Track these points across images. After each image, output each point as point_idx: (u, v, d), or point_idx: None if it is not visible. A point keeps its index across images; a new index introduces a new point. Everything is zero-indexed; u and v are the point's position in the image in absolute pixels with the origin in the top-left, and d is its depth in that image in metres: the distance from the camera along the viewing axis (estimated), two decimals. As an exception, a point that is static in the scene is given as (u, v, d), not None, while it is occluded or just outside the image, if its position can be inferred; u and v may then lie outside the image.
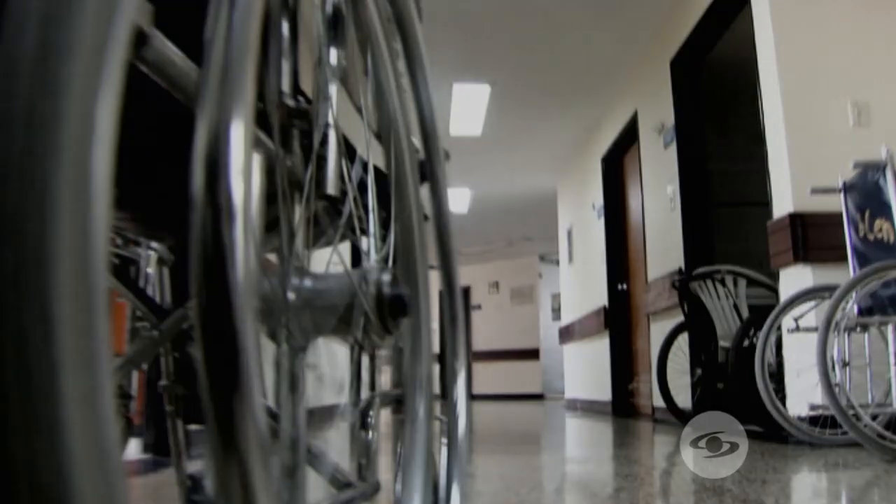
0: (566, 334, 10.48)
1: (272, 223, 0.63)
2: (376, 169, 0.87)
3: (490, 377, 16.78)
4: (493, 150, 9.44)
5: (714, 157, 5.94)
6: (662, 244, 6.20)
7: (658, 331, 6.28)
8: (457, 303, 1.06)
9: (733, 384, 4.68)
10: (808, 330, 3.55)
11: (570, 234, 10.30)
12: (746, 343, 4.49)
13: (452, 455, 0.95)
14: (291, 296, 0.59)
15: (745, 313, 4.68)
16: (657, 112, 6.23)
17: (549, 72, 7.21)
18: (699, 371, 5.10)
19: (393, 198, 0.83)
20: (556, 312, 16.00)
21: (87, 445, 0.25)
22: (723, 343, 4.91)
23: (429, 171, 0.99)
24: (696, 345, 5.24)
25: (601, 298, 8.26)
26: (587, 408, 9.06)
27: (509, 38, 6.57)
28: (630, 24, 6.19)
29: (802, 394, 3.76)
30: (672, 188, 5.87)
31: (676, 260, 5.72)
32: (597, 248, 8.51)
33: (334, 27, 0.76)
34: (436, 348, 0.99)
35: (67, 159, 0.26)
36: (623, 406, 7.61)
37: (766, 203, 6.37)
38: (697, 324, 5.16)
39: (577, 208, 9.68)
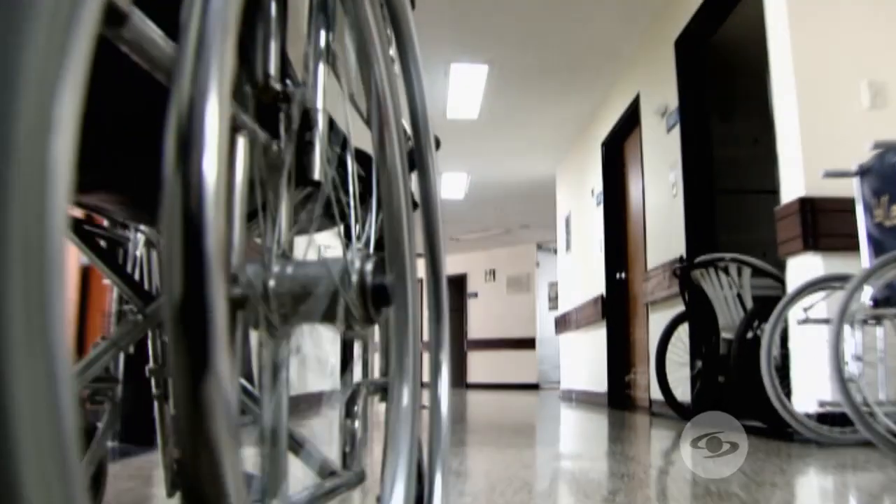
0: (562, 324, 10.28)
1: (259, 208, 0.62)
2: (366, 154, 0.89)
3: (485, 366, 16.63)
4: (490, 134, 9.21)
5: (718, 143, 5.72)
6: (663, 232, 5.99)
7: (657, 321, 6.07)
8: (442, 294, 1.04)
9: (735, 377, 4.48)
10: (818, 321, 3.34)
11: (568, 221, 10.08)
12: (750, 335, 4.28)
13: (435, 444, 0.96)
14: (272, 283, 0.58)
15: (750, 304, 4.47)
16: (660, 94, 6.01)
17: (549, 52, 6.97)
18: (699, 363, 4.89)
19: (380, 184, 0.82)
20: (553, 301, 15.84)
21: (39, 442, 0.24)
22: (725, 334, 4.70)
23: (418, 159, 1.00)
24: (697, 336, 5.04)
25: (599, 287, 8.06)
26: (583, 399, 8.87)
27: (508, 15, 6.33)
28: (633, 1, 5.95)
29: (810, 389, 3.55)
30: (674, 174, 5.65)
31: (677, 248, 5.51)
32: (595, 235, 8.30)
33: (324, 10, 0.74)
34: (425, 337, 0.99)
35: (20, 152, 0.24)
36: (619, 398, 7.41)
37: (771, 191, 6.14)
38: (698, 314, 4.96)
39: (576, 195, 9.46)
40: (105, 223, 1.27)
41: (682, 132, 5.52)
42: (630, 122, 7.12)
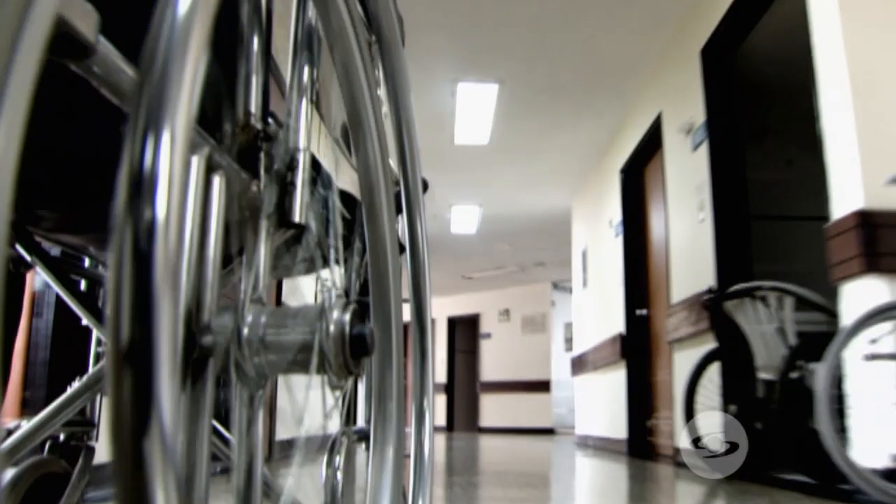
0: (579, 365, 9.67)
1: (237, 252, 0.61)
2: (350, 196, 0.91)
3: (498, 409, 15.99)
4: (502, 161, 8.70)
5: (750, 163, 5.17)
6: (689, 261, 5.41)
7: (682, 361, 5.47)
8: (427, 339, 1.05)
9: (777, 424, 3.88)
10: (888, 357, 2.75)
11: (584, 255, 9.51)
12: (795, 375, 3.70)
13: (418, 492, 1.00)
14: (245, 331, 0.55)
15: (793, 340, 3.88)
16: (685, 110, 5.48)
17: (564, 69, 6.47)
18: (733, 408, 4.29)
19: (365, 227, 0.81)
20: (569, 343, 15.23)
21: None
22: (763, 374, 4.10)
23: (405, 202, 1.00)
24: (731, 376, 4.44)
25: (618, 325, 7.46)
26: (600, 446, 8.21)
27: (519, 29, 5.85)
28: (653, 10, 5.46)
29: (877, 439, 2.95)
30: (701, 196, 5.10)
31: (706, 278, 4.94)
32: (614, 269, 7.73)
33: (308, 46, 0.73)
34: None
35: None
36: (640, 446, 6.77)
37: (810, 217, 5.59)
38: (732, 352, 4.36)
39: (593, 227, 8.91)
40: (86, 262, 1.22)
41: (710, 149, 4.98)
42: (651, 144, 6.59)
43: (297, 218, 0.65)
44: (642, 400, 6.85)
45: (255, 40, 0.65)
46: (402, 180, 1.00)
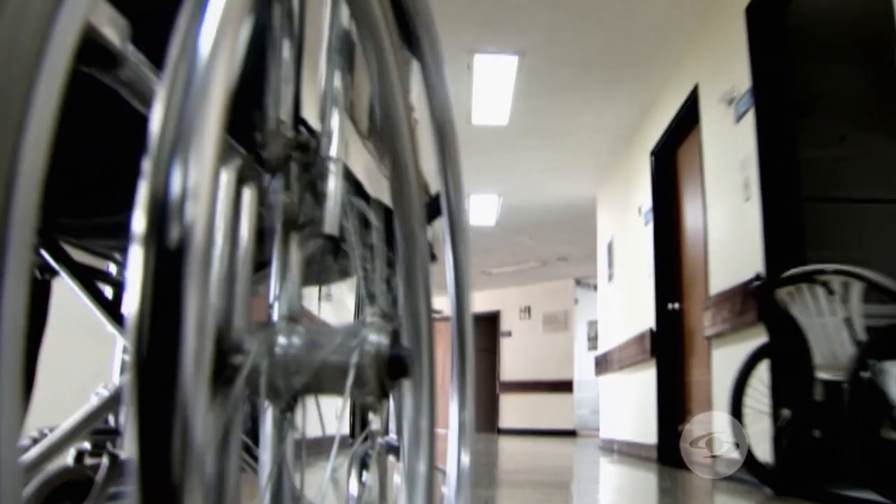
0: (603, 364, 9.07)
1: (263, 263, 0.61)
2: (382, 205, 0.88)
3: (519, 410, 15.42)
4: (522, 145, 8.12)
5: (803, 138, 4.57)
6: (731, 247, 4.82)
7: (723, 359, 4.88)
8: (467, 355, 1.02)
9: (841, 432, 3.30)
10: None
11: (610, 247, 8.92)
12: (866, 375, 3.11)
13: None
14: (279, 350, 0.54)
15: (862, 334, 3.29)
16: (726, 78, 4.88)
17: (588, 38, 5.88)
18: (787, 413, 3.70)
19: (397, 238, 0.79)
20: (593, 341, 14.65)
21: None
22: (823, 375, 3.52)
23: (446, 207, 0.99)
24: (783, 376, 3.85)
25: (647, 321, 6.87)
26: (627, 451, 7.62)
27: (541, -10, 5.28)
28: (694, -34, 4.87)
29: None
30: (746, 172, 4.51)
31: (751, 266, 4.35)
32: (643, 260, 7.13)
33: (341, 51, 0.73)
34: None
35: None
36: (672, 453, 6.16)
37: (870, 200, 4.99)
38: (785, 348, 3.78)
39: (620, 216, 8.31)
40: (112, 268, 1.19)
41: (756, 119, 4.39)
42: (685, 121, 6.00)
43: (329, 229, 0.64)
44: (674, 402, 6.25)
45: (287, 46, 0.63)
46: (443, 186, 0.97)
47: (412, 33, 0.89)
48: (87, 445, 1.21)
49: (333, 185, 0.65)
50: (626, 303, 7.99)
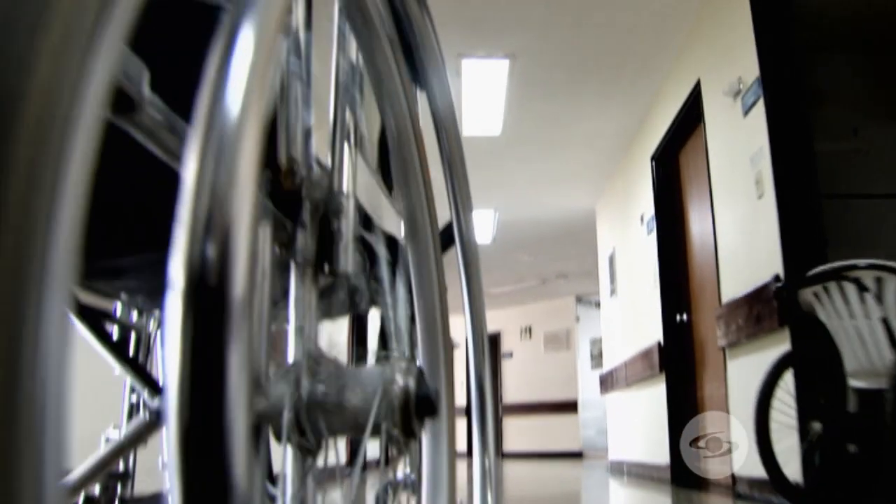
0: (609, 382, 8.71)
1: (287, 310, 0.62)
2: (393, 238, 0.89)
3: (523, 433, 15.02)
4: (516, 156, 7.81)
5: (818, 130, 4.25)
6: (744, 249, 4.49)
7: (739, 370, 4.54)
8: (486, 397, 1.02)
9: (881, 447, 2.96)
10: None
11: (612, 260, 8.59)
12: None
13: None
14: (304, 395, 0.53)
15: (900, 335, 2.96)
16: (731, 69, 4.58)
17: (582, 38, 5.59)
18: (817, 427, 3.35)
19: (412, 271, 0.80)
20: (597, 360, 14.30)
21: None
22: (856, 382, 3.17)
23: (458, 239, 0.99)
24: (812, 386, 3.50)
25: (654, 335, 6.52)
26: (637, 472, 7.24)
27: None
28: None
29: None
30: (758, 169, 4.19)
31: (767, 268, 4.02)
32: (647, 271, 6.80)
33: (351, 87, 0.73)
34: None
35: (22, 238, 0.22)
36: (686, 472, 5.79)
37: (889, 195, 4.68)
38: (813, 355, 3.44)
39: (621, 226, 7.99)
40: (118, 307, 1.21)
41: (767, 110, 4.07)
42: (687, 122, 5.69)
43: (342, 267, 0.64)
44: (687, 419, 5.88)
45: (296, 81, 0.63)
46: (454, 217, 0.96)
47: (419, 64, 0.87)
48: (95, 490, 1.18)
49: (345, 222, 0.64)
50: (631, 317, 7.65)
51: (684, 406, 5.93)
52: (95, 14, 0.25)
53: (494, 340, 16.06)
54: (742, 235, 4.54)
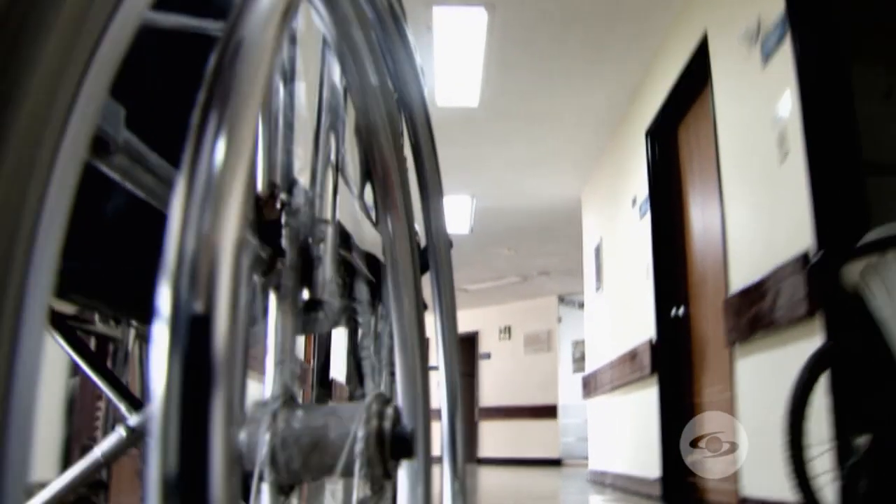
0: (592, 385, 7.96)
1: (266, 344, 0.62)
2: (374, 258, 0.95)
3: (499, 438, 14.28)
4: (496, 132, 7.05)
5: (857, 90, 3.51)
6: (760, 226, 3.75)
7: (751, 370, 3.79)
8: (457, 414, 1.00)
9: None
10: None
11: (598, 252, 7.84)
12: None
13: None
14: (278, 438, 0.53)
15: None
16: (748, 9, 3.84)
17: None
18: (863, 439, 2.60)
19: (390, 291, 0.78)
20: (579, 363, 13.59)
21: None
22: (918, 385, 2.43)
23: (431, 262, 0.97)
24: (855, 388, 2.75)
25: (645, 332, 5.78)
26: (622, 486, 6.48)
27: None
28: None
29: None
30: (780, 129, 3.45)
31: (790, 245, 3.29)
32: (639, 261, 6.05)
33: (332, 112, 0.74)
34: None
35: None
36: (680, 489, 5.05)
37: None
38: (855, 349, 2.70)
39: (610, 212, 7.24)
40: (96, 317, 1.20)
41: (796, 51, 3.33)
42: (690, 86, 4.96)
43: (322, 295, 0.63)
44: (682, 427, 5.14)
45: (280, 107, 0.63)
46: (428, 239, 0.95)
47: (401, 90, 0.88)
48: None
49: (326, 249, 0.64)
50: (619, 313, 6.90)
51: (679, 412, 5.18)
52: (80, 66, 0.26)
53: (472, 340, 15.33)
54: (757, 210, 3.79)
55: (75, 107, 0.26)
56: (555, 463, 13.30)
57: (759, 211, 3.75)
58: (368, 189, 0.85)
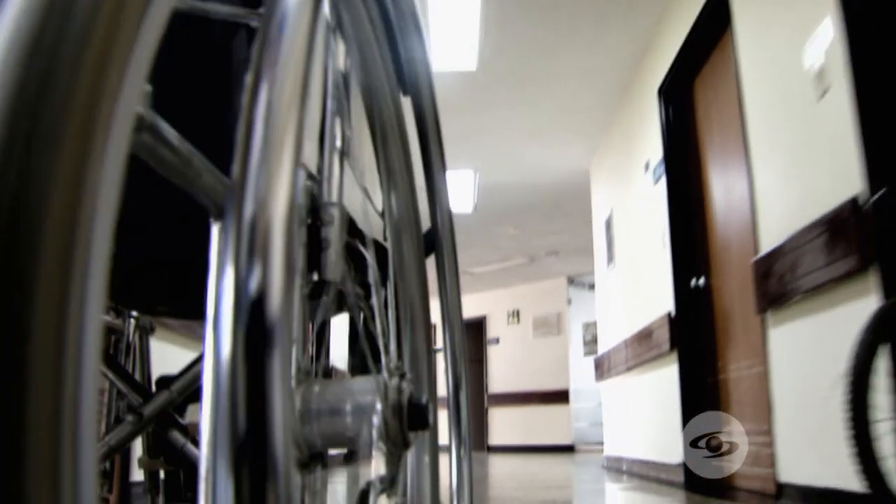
0: (605, 366, 7.53)
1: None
2: (380, 245, 0.89)
3: (509, 425, 13.89)
4: (497, 99, 6.60)
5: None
6: (794, 173, 3.31)
7: (788, 339, 3.35)
8: (462, 397, 1.01)
9: None
10: None
11: (609, 224, 7.39)
12: None
13: None
14: (298, 406, 0.56)
15: None
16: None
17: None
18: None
19: (393, 275, 0.80)
20: (590, 345, 13.19)
21: None
22: None
23: (436, 246, 0.98)
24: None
25: (662, 306, 5.34)
26: (640, 472, 6.06)
27: None
28: None
29: None
30: (818, 59, 3.01)
31: (833, 192, 2.85)
32: (653, 229, 5.61)
33: (338, 97, 0.74)
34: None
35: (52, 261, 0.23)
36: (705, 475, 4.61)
37: None
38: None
39: (621, 179, 6.79)
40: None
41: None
42: (707, 35, 4.50)
43: (330, 276, 0.64)
44: (706, 407, 4.70)
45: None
46: (433, 221, 0.97)
47: (406, 74, 0.88)
48: None
49: (334, 231, 0.65)
50: (633, 288, 6.45)
51: (702, 390, 4.75)
52: (127, 48, 0.26)
53: (479, 325, 14.93)
54: (790, 158, 3.35)
55: (120, 95, 0.26)
56: (567, 449, 12.90)
57: (793, 159, 3.31)
58: (375, 175, 0.84)
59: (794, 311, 3.23)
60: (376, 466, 0.56)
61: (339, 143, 0.71)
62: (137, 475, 1.31)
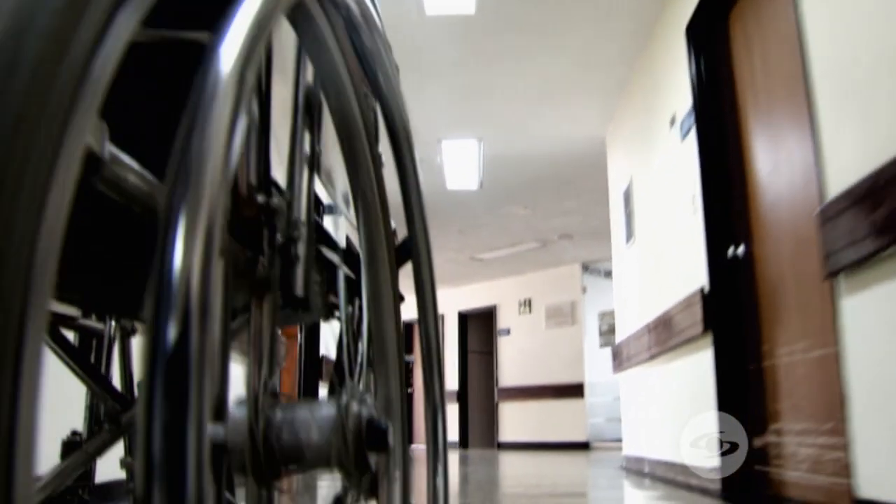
0: (623, 355, 6.72)
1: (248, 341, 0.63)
2: (353, 251, 0.92)
3: (521, 420, 13.14)
4: (500, 51, 5.77)
5: None
6: (885, 82, 2.49)
7: (871, 311, 2.53)
8: (439, 407, 0.98)
9: None
10: None
11: (628, 195, 6.57)
12: None
13: None
14: (261, 425, 0.55)
15: None
16: None
17: None
18: None
19: (365, 283, 0.78)
20: (606, 336, 12.43)
21: None
22: None
23: (413, 254, 0.96)
24: None
25: (693, 281, 4.53)
26: (665, 476, 5.24)
27: None
28: None
29: None
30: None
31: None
32: (680, 195, 4.80)
33: (308, 111, 0.73)
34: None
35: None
36: (747, 482, 3.80)
37: None
38: None
39: (642, 143, 5.96)
40: (77, 312, 1.17)
41: None
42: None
43: (300, 292, 0.63)
44: (748, 400, 3.89)
45: (255, 108, 0.62)
46: (410, 233, 0.94)
47: (375, 82, 0.86)
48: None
49: (303, 248, 0.63)
50: (657, 264, 5.63)
51: (744, 380, 3.94)
52: (71, 89, 0.27)
53: (489, 316, 14.19)
54: (872, 74, 2.53)
55: (68, 129, 0.27)
56: (582, 446, 12.11)
57: (875, 72, 2.49)
58: (348, 185, 0.78)
59: (881, 271, 2.41)
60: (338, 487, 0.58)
61: (308, 158, 0.69)
62: (119, 474, 1.24)
